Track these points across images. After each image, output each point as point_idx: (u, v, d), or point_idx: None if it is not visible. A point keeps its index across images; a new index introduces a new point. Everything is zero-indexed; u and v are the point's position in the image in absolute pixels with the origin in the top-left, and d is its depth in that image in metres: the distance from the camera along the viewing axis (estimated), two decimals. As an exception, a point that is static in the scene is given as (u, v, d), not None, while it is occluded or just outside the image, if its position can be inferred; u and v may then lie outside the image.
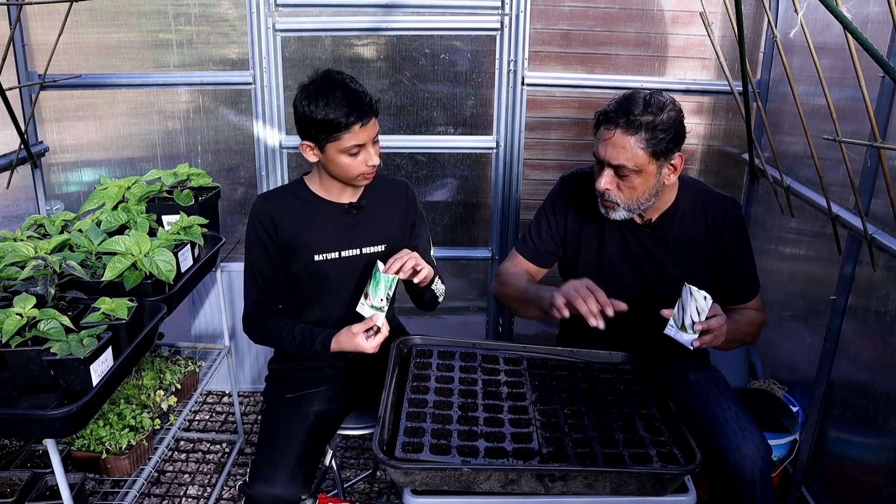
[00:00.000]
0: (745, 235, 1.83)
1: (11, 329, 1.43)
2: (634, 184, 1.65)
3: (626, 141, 1.61)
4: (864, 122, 1.71)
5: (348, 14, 2.62)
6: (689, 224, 1.80)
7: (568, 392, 1.58)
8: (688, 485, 1.36)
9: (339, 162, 1.68)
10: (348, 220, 1.82)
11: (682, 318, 1.55)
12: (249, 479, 1.60)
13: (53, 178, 2.72)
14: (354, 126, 1.62)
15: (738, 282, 1.83)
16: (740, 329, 1.75)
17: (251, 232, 1.79)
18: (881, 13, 1.92)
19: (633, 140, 1.60)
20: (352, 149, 1.65)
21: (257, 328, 1.82)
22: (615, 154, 1.62)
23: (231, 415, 2.94)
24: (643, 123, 1.59)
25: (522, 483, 1.31)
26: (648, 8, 2.63)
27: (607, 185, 1.67)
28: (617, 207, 1.70)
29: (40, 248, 1.79)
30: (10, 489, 1.67)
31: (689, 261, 1.81)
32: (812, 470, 2.25)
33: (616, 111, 1.62)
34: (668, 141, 1.62)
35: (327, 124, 1.61)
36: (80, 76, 2.50)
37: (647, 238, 1.81)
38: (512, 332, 3.02)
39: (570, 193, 1.89)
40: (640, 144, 1.60)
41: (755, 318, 1.82)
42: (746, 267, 1.83)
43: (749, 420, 1.68)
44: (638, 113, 1.59)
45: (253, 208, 1.79)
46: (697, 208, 1.80)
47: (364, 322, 1.65)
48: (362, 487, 2.50)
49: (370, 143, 1.68)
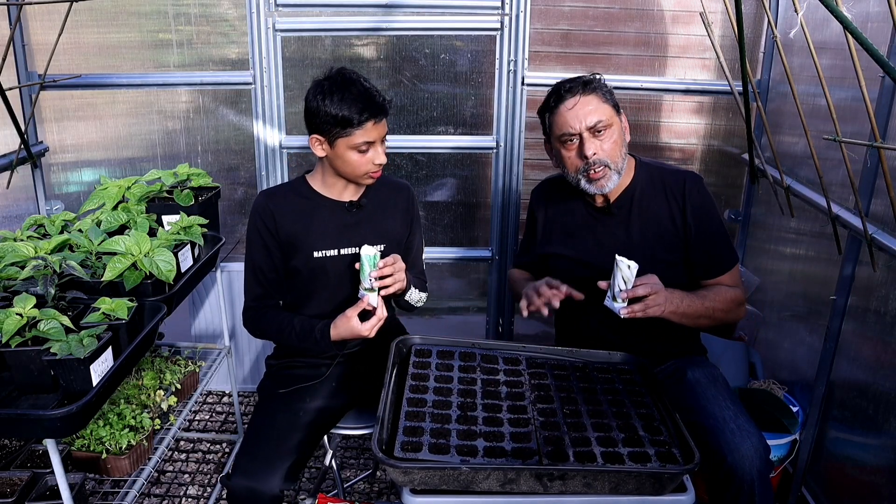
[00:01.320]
0: (710, 207, 1.84)
1: (11, 329, 1.44)
2: (613, 137, 1.76)
3: (590, 99, 1.74)
4: (864, 122, 1.71)
5: (348, 14, 2.62)
6: (648, 203, 1.84)
7: (567, 392, 1.58)
8: (686, 484, 1.36)
9: (348, 158, 1.69)
10: (348, 219, 1.83)
11: (615, 288, 1.64)
12: (231, 471, 1.60)
13: (53, 178, 2.72)
14: (367, 123, 1.64)
15: (707, 254, 1.83)
16: (705, 304, 1.75)
17: (252, 228, 1.81)
18: (881, 13, 1.92)
19: (595, 97, 1.74)
20: (361, 145, 1.67)
21: (257, 322, 1.83)
22: (587, 113, 1.73)
23: (231, 415, 2.94)
24: (594, 82, 1.76)
25: (521, 482, 1.31)
26: (648, 8, 2.63)
27: (594, 149, 1.74)
28: (607, 171, 1.76)
29: (40, 248, 1.79)
30: (10, 489, 1.67)
31: (654, 239, 1.83)
32: (812, 470, 2.25)
33: (568, 84, 1.76)
34: (612, 95, 1.78)
35: (340, 119, 1.63)
36: (80, 76, 2.50)
37: (610, 220, 1.86)
38: (512, 332, 3.02)
39: (541, 196, 2.03)
40: (601, 99, 1.75)
41: (727, 294, 1.80)
42: (715, 239, 1.83)
43: (748, 419, 1.68)
44: (582, 79, 1.76)
45: (254, 204, 1.81)
46: (656, 187, 1.84)
47: (356, 305, 1.66)
48: (362, 487, 2.50)
49: (379, 142, 1.70)
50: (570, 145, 1.77)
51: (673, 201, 1.83)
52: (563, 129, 1.75)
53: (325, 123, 1.66)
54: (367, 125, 1.65)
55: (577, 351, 1.74)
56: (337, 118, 1.63)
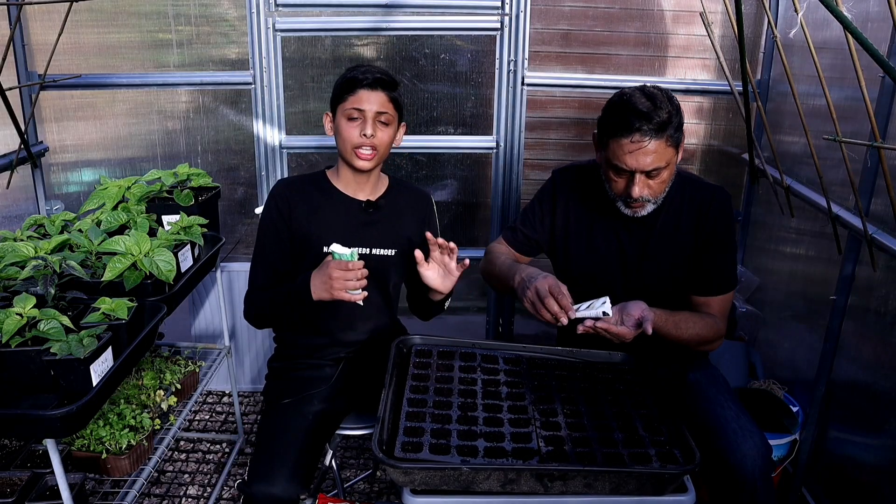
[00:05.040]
0: (728, 225, 1.79)
1: (11, 329, 1.43)
2: (664, 177, 1.67)
3: (657, 145, 1.60)
4: (864, 122, 1.71)
5: (348, 14, 2.62)
6: (676, 214, 1.80)
7: (567, 392, 1.58)
8: (687, 484, 1.36)
9: (340, 128, 1.74)
10: (363, 218, 1.83)
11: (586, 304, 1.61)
12: (248, 478, 1.59)
13: (53, 178, 2.72)
14: (358, 88, 1.69)
15: (707, 270, 1.79)
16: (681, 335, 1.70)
17: (266, 214, 1.82)
18: (881, 13, 1.92)
19: (661, 142, 1.60)
20: (352, 112, 1.71)
21: (252, 302, 1.83)
22: (647, 161, 1.61)
23: (231, 415, 2.94)
24: (665, 123, 1.59)
25: (522, 483, 1.31)
26: (648, 8, 2.63)
27: (642, 192, 1.66)
28: (647, 204, 1.70)
29: (40, 248, 1.79)
30: (10, 489, 1.67)
31: (675, 251, 1.80)
32: (812, 470, 2.25)
33: (638, 120, 1.58)
34: (680, 128, 1.64)
35: (341, 86, 1.73)
36: (80, 76, 2.50)
37: (637, 229, 1.81)
38: (512, 332, 3.02)
39: (562, 188, 1.91)
40: (667, 143, 1.61)
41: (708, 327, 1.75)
42: (723, 259, 1.79)
43: (749, 420, 1.68)
44: (659, 115, 1.58)
45: (272, 191, 1.83)
46: (685, 199, 1.80)
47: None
48: (362, 487, 2.50)
49: (371, 116, 1.71)
50: (620, 175, 1.68)
51: (698, 213, 1.78)
52: (617, 161, 1.64)
53: (332, 96, 1.76)
54: (359, 91, 1.69)
55: (578, 351, 1.74)
56: (339, 84, 1.73)
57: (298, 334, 1.89)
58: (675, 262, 1.80)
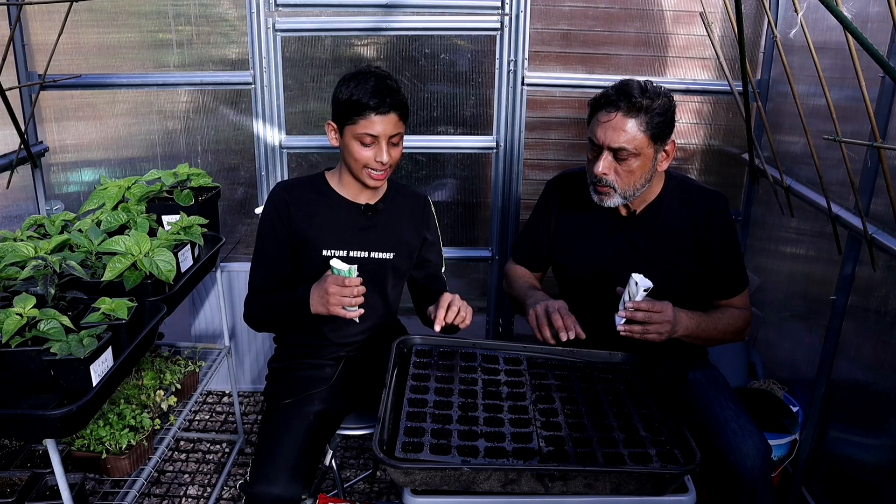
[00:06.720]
0: (732, 230, 1.83)
1: (11, 329, 1.43)
2: (633, 167, 1.67)
3: (626, 123, 1.63)
4: (864, 122, 1.71)
5: (348, 14, 2.62)
6: (674, 217, 1.81)
7: (568, 392, 1.58)
8: (687, 484, 1.36)
9: (351, 148, 1.71)
10: (361, 221, 1.83)
11: (621, 302, 1.63)
12: (250, 478, 1.59)
13: (53, 178, 2.72)
14: (371, 114, 1.65)
15: (724, 275, 1.83)
16: (718, 328, 1.76)
17: (265, 217, 1.82)
18: (881, 13, 1.92)
19: (634, 122, 1.63)
20: (364, 137, 1.68)
21: (251, 307, 1.84)
22: (616, 136, 1.64)
23: (231, 415, 2.94)
24: (643, 106, 1.62)
25: (522, 483, 1.31)
26: (648, 8, 2.63)
27: (605, 170, 1.68)
28: (612, 193, 1.71)
29: (40, 248, 1.79)
30: (10, 489, 1.67)
31: (674, 253, 1.81)
32: (812, 470, 2.25)
33: (616, 95, 1.64)
34: (664, 125, 1.66)
35: (349, 105, 1.66)
36: (80, 76, 2.50)
37: (633, 231, 1.82)
38: (512, 332, 3.02)
39: (557, 194, 1.94)
40: (641, 127, 1.63)
41: (737, 317, 1.81)
42: (733, 262, 1.83)
43: (748, 419, 1.68)
44: (637, 96, 1.62)
45: (271, 194, 1.83)
46: (684, 202, 1.81)
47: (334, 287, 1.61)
48: (362, 487, 2.50)
49: (385, 139, 1.69)
50: (592, 151, 1.72)
51: (699, 219, 1.79)
52: (591, 134, 1.70)
53: (337, 109, 1.70)
54: (371, 115, 1.65)
55: (579, 351, 1.74)
56: (346, 104, 1.66)
57: (299, 335, 1.89)
58: (673, 265, 1.80)
